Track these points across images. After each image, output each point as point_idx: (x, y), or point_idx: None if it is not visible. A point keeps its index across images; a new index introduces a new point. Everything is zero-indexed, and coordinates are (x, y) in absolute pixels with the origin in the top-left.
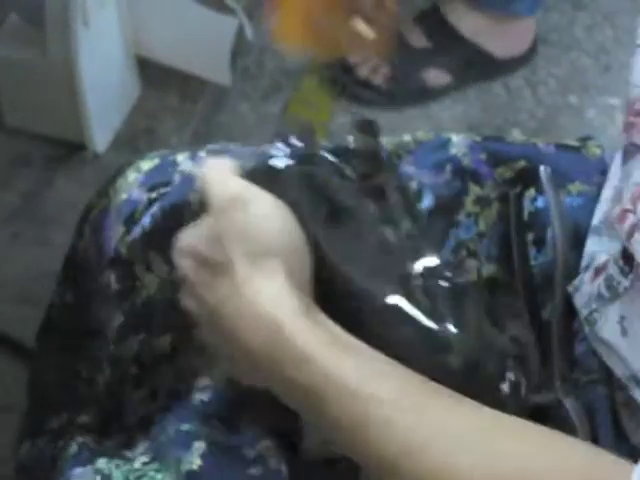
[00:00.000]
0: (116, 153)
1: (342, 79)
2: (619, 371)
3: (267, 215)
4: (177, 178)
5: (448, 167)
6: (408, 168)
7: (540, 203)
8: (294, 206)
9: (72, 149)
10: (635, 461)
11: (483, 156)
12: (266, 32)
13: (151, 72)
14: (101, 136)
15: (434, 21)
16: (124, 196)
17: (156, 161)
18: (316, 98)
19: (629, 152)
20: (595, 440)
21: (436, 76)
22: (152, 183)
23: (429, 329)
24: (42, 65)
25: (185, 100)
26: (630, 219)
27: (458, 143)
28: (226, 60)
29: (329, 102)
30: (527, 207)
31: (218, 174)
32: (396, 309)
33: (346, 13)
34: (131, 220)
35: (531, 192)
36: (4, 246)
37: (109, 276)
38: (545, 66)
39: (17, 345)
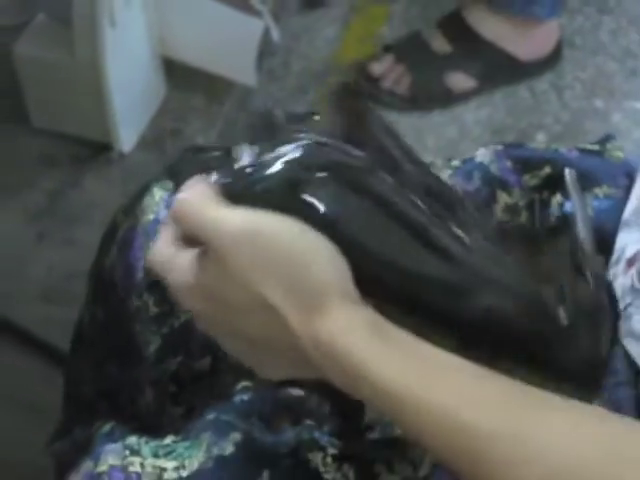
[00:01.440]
0: (142, 153)
1: (366, 87)
2: None
3: (288, 240)
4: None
5: (476, 174)
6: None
7: (568, 208)
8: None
9: (98, 149)
10: None
11: (509, 163)
12: (292, 34)
13: (177, 73)
14: (127, 136)
15: (457, 26)
16: (151, 216)
17: None
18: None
19: None
20: None
21: (460, 81)
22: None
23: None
24: (69, 65)
25: (211, 101)
26: None
27: (484, 151)
28: (252, 61)
29: None
30: (555, 212)
31: (200, 206)
32: None
33: None
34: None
35: (558, 198)
36: (30, 246)
37: (147, 299)
38: (571, 70)
39: (45, 345)
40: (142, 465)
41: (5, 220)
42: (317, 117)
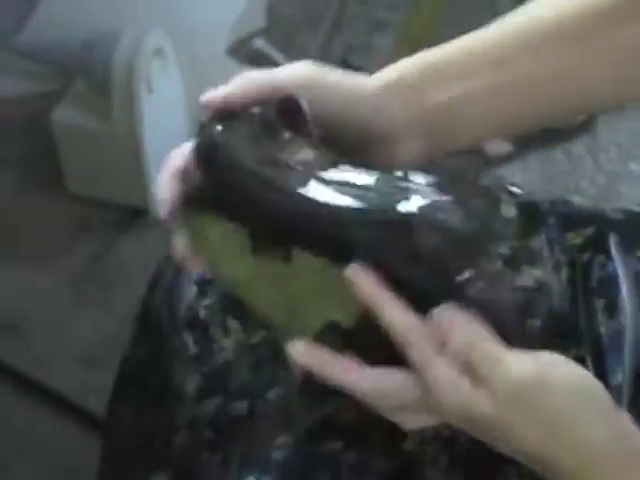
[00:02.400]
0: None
1: None
2: None
3: (565, 397)
4: None
5: None
6: None
7: (611, 269)
8: None
9: (134, 214)
10: None
11: (552, 220)
12: None
13: None
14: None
15: None
16: None
17: None
18: None
19: None
20: None
21: (497, 145)
22: None
23: None
24: (106, 131)
25: None
26: None
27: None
28: None
29: None
30: (597, 272)
31: (486, 340)
32: None
33: None
34: (203, 281)
35: (601, 258)
36: (68, 310)
37: (187, 338)
38: (606, 133)
39: (81, 410)
40: None
41: (43, 284)
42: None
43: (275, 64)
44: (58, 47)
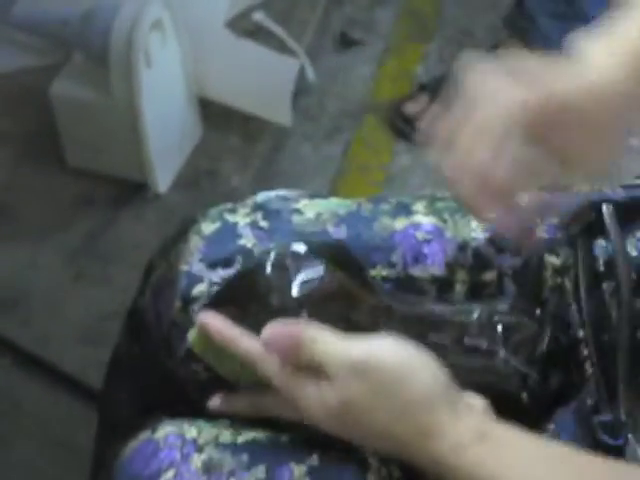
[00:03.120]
0: (177, 193)
1: (402, 128)
2: None
3: (390, 366)
4: (239, 259)
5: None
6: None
7: (611, 250)
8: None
9: (134, 189)
10: None
11: (556, 220)
12: (327, 73)
13: (213, 113)
14: (163, 176)
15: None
16: (185, 267)
17: (217, 224)
18: (376, 139)
19: None
20: None
21: None
22: (213, 258)
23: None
24: (105, 105)
25: (246, 141)
26: None
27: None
28: (287, 101)
29: (389, 143)
30: (601, 256)
31: (313, 339)
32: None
33: None
34: (189, 297)
35: (601, 241)
36: (67, 285)
37: (196, 368)
38: None
39: (80, 385)
40: (199, 431)
41: (42, 259)
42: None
43: (275, 37)
44: (56, 20)
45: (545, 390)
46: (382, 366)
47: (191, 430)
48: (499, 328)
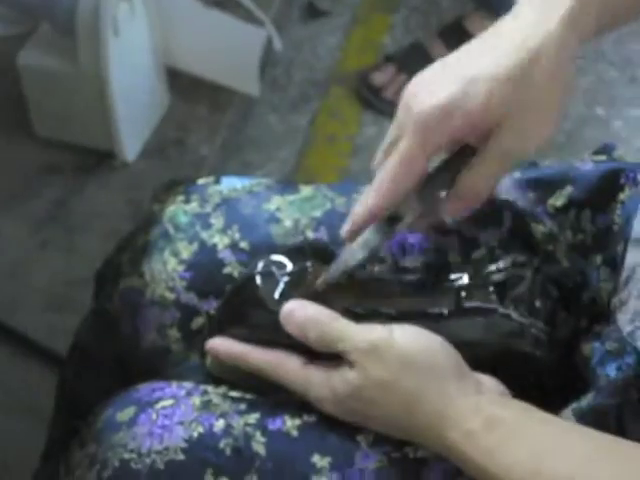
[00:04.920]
0: (145, 162)
1: (368, 98)
2: None
3: (408, 346)
4: (228, 287)
5: (506, 215)
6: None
7: (601, 222)
8: None
9: (101, 158)
10: None
11: (532, 195)
12: (294, 43)
13: (180, 82)
14: (130, 145)
15: (458, 35)
16: (170, 295)
17: (195, 246)
18: (343, 110)
19: None
20: None
21: None
22: (201, 287)
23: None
24: (72, 74)
25: (214, 110)
26: None
27: (505, 188)
28: (255, 71)
29: (356, 114)
30: (589, 229)
31: (330, 320)
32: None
33: None
34: (188, 330)
35: (586, 213)
36: (33, 253)
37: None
38: None
39: (46, 352)
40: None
41: (9, 228)
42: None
43: (242, 7)
44: None
45: (555, 339)
46: (394, 349)
47: (205, 386)
48: (491, 287)
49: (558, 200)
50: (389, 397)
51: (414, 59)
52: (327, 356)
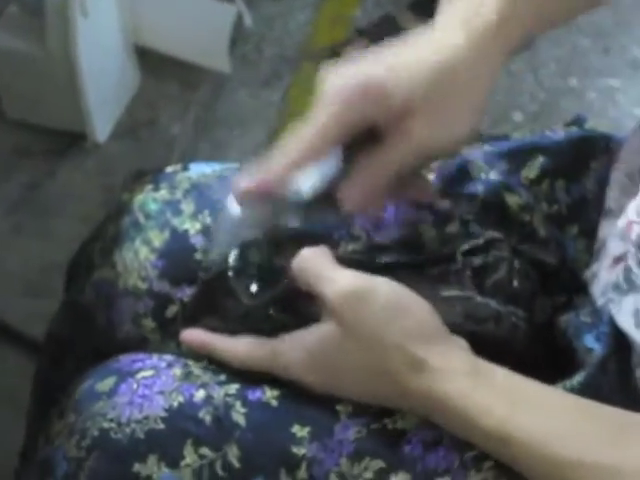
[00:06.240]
0: (117, 143)
1: None
2: None
3: (386, 293)
4: (201, 274)
5: (480, 188)
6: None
7: (576, 192)
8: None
9: (73, 140)
10: None
11: (505, 166)
12: (265, 19)
13: (150, 61)
14: (102, 126)
15: (429, 7)
16: (142, 285)
17: (166, 234)
18: (315, 85)
19: None
20: None
21: None
22: (174, 275)
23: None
24: (41, 56)
25: (185, 88)
26: (636, 230)
27: (476, 164)
28: (225, 48)
29: None
30: (564, 199)
31: (319, 264)
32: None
33: None
34: (163, 319)
35: (561, 183)
36: (6, 238)
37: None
38: (546, 48)
39: (22, 337)
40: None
41: None
42: None
43: None
44: None
45: (535, 323)
46: (378, 296)
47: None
48: (468, 273)
49: (532, 171)
50: (362, 348)
51: (385, 32)
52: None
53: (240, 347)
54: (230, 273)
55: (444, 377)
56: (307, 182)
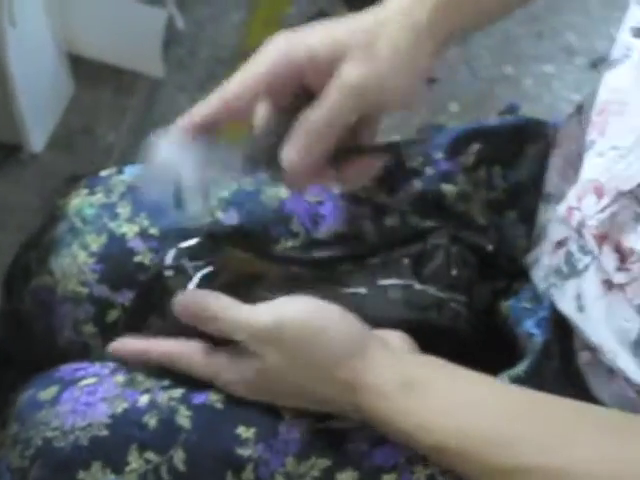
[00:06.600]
0: (53, 152)
1: None
2: (584, 336)
3: (303, 325)
4: (141, 277)
5: (417, 183)
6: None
7: (512, 178)
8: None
9: (9, 151)
10: None
11: (440, 154)
12: (198, 22)
13: (84, 69)
14: (37, 136)
15: (362, 1)
16: (82, 289)
17: (104, 238)
18: None
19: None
20: None
21: None
22: (114, 279)
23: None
24: None
25: (120, 95)
26: (576, 216)
27: (413, 156)
28: (157, 52)
29: None
30: (501, 185)
31: (224, 308)
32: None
33: None
34: (104, 324)
35: (497, 169)
36: None
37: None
38: (478, 37)
39: None
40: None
41: None
42: None
43: None
44: None
45: (475, 309)
46: (292, 328)
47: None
48: (405, 261)
49: (468, 159)
50: (293, 377)
51: None
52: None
53: (183, 360)
54: (168, 273)
55: (377, 396)
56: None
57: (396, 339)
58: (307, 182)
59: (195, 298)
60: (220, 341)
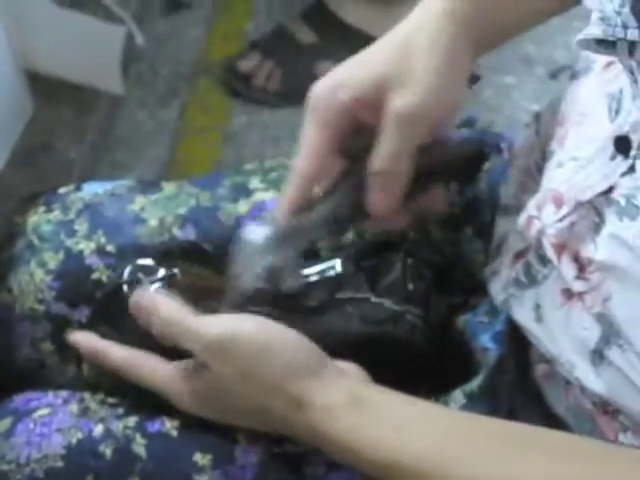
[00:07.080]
0: (14, 171)
1: (237, 87)
2: (542, 348)
3: (250, 340)
4: (98, 294)
5: None
6: None
7: (469, 193)
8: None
9: None
10: None
11: None
12: (157, 38)
13: (44, 86)
14: None
15: (320, 15)
16: (37, 306)
17: (61, 255)
18: (212, 100)
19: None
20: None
21: (327, 69)
22: (71, 296)
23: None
24: None
25: (80, 112)
26: (536, 225)
27: None
28: (116, 69)
29: (225, 104)
30: (457, 201)
31: (178, 317)
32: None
33: None
34: (61, 338)
35: (454, 186)
36: None
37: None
38: None
39: None
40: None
41: None
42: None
43: (101, 5)
44: None
45: (431, 322)
46: (241, 341)
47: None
48: (362, 275)
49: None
50: (241, 387)
51: (279, 44)
52: (190, 354)
53: (137, 368)
54: (125, 288)
55: (326, 415)
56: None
57: (352, 369)
58: (393, 220)
59: (153, 299)
60: (176, 357)
